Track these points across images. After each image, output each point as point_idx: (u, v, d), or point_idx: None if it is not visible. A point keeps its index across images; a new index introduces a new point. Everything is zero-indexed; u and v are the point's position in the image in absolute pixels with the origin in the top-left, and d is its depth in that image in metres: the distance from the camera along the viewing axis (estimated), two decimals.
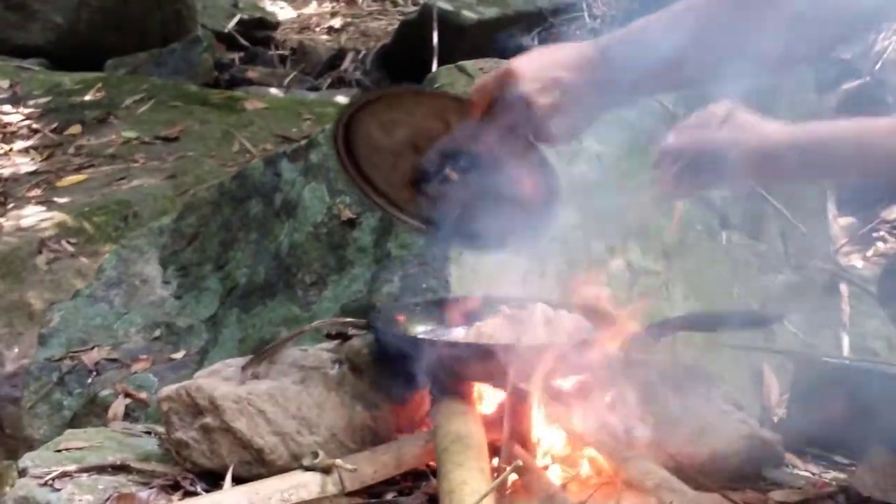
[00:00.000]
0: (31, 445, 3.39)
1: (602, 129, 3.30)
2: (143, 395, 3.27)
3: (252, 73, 9.17)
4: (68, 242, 5.60)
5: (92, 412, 3.31)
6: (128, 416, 3.24)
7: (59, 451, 2.38)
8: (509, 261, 2.91)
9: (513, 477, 2.21)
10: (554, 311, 2.55)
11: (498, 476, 2.17)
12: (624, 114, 3.63)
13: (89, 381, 3.40)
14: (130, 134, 6.65)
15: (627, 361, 2.50)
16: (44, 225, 5.70)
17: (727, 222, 3.90)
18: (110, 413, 3.22)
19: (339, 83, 9.30)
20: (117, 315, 3.55)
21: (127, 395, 3.27)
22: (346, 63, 9.56)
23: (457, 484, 2.03)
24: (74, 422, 3.30)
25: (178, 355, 3.37)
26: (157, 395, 3.24)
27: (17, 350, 5.28)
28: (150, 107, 7.01)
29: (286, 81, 9.07)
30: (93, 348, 3.49)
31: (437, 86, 3.16)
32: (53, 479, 2.21)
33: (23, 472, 2.28)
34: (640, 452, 2.21)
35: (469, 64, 3.17)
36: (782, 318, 3.31)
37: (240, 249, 3.42)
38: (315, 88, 9.09)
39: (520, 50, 2.32)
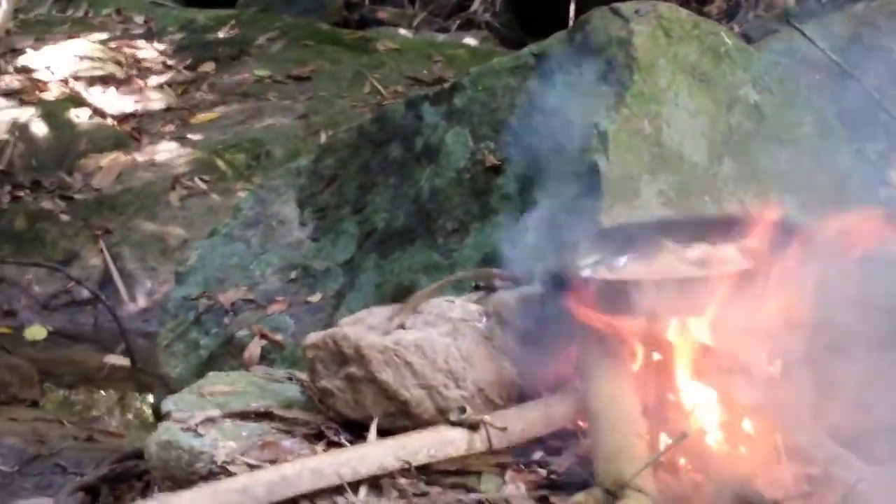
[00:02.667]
0: (166, 383, 3.40)
1: (761, 78, 3.16)
2: (279, 337, 3.23)
3: (382, 14, 9.11)
4: (201, 179, 5.64)
5: (228, 352, 3.29)
6: (263, 358, 3.22)
7: (201, 394, 2.35)
8: (662, 214, 2.80)
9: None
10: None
11: (653, 440, 2.08)
12: (784, 63, 3.48)
13: (226, 321, 3.37)
14: (263, 72, 6.65)
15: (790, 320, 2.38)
16: (177, 161, 5.74)
17: (884, 177, 3.72)
18: (246, 354, 3.20)
19: (468, 25, 9.18)
20: (254, 255, 3.52)
21: (263, 336, 3.25)
22: (476, 5, 9.43)
23: (613, 449, 1.94)
24: (211, 362, 3.29)
25: (315, 298, 3.33)
26: (291, 338, 3.23)
27: (149, 285, 5.34)
28: (283, 45, 6.99)
29: (415, 23, 8.99)
30: (229, 289, 3.46)
31: (588, 29, 3.04)
32: (197, 424, 2.18)
33: (166, 416, 2.25)
34: (806, 422, 2.08)
35: (624, 6, 3.03)
36: None
37: (378, 193, 3.36)
38: (444, 30, 8.99)
39: None
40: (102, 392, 4.81)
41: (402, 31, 8.48)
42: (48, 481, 3.34)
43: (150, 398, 4.26)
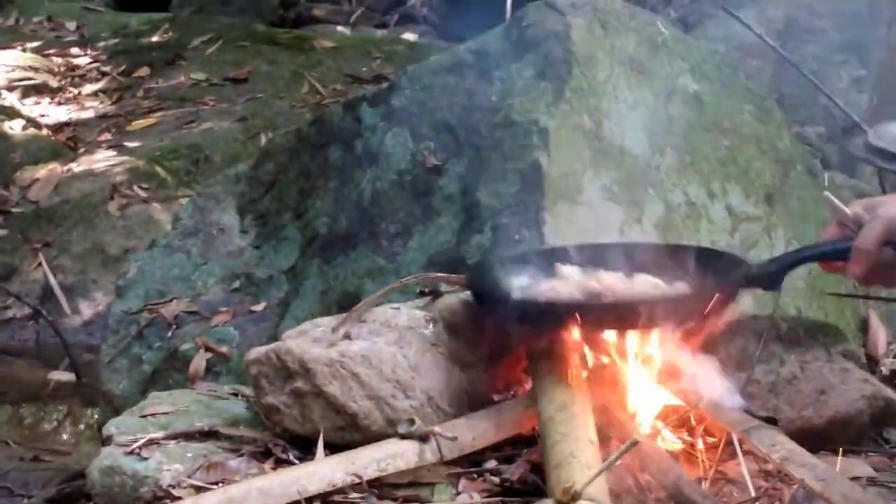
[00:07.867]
0: (110, 401, 3.33)
1: (699, 66, 3.14)
2: (223, 349, 3.17)
3: (318, 11, 9.03)
4: (140, 187, 5.54)
5: (172, 367, 3.22)
6: (209, 370, 3.15)
7: (144, 416, 2.29)
8: (606, 209, 2.77)
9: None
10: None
11: (605, 447, 2.05)
12: (721, 50, 3.47)
13: (169, 334, 3.30)
14: (199, 76, 6.56)
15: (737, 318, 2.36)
16: (115, 170, 5.64)
17: (827, 162, 3.72)
18: (191, 368, 3.13)
19: (407, 20, 9.13)
20: (195, 265, 3.45)
21: (208, 349, 3.18)
22: None
23: (564, 457, 1.91)
24: (155, 376, 3.22)
25: (259, 307, 3.26)
26: (237, 349, 3.16)
27: (91, 297, 5.25)
28: (219, 47, 6.90)
29: (353, 19, 8.92)
30: (171, 300, 3.39)
31: (525, 24, 3.00)
32: (140, 447, 2.12)
33: (107, 440, 2.19)
34: (761, 421, 2.06)
35: (559, 0, 3.00)
36: None
37: (319, 198, 3.30)
38: (382, 25, 8.93)
39: None
40: (50, 408, 4.72)
41: (340, 29, 8.41)
42: None
43: (97, 414, 4.18)
